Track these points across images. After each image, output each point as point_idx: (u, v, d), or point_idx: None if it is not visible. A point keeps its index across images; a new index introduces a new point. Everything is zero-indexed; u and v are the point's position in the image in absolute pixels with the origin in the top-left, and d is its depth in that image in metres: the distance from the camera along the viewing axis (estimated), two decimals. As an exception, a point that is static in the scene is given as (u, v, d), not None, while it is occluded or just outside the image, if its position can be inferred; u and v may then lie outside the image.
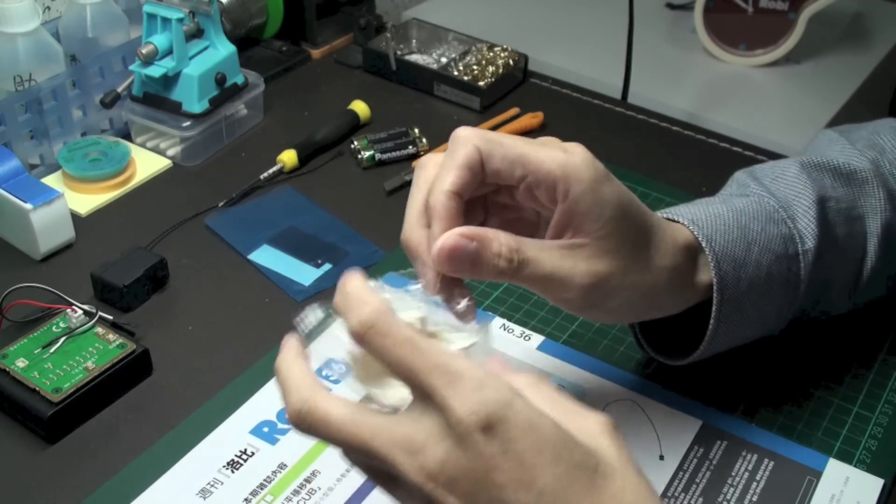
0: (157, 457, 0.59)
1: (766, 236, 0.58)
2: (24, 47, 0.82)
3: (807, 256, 0.59)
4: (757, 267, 0.58)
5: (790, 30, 1.17)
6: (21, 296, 0.67)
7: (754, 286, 0.57)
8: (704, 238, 0.56)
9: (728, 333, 0.58)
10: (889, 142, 0.67)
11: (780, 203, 0.60)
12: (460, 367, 0.40)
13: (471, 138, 0.50)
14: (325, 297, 0.72)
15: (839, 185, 0.63)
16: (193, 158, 0.87)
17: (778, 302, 0.60)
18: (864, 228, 0.63)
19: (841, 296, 0.63)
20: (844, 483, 0.59)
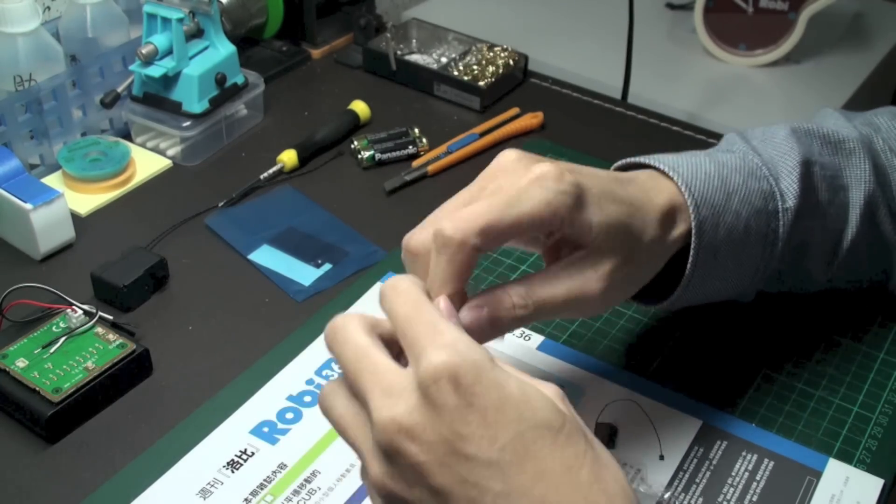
0: (157, 457, 0.59)
1: (747, 189, 0.59)
2: (24, 47, 0.82)
3: (787, 215, 0.60)
4: (736, 217, 0.58)
5: (790, 30, 1.17)
6: (21, 296, 0.67)
7: (732, 236, 0.58)
8: (684, 183, 0.57)
9: (703, 281, 0.58)
10: (885, 122, 0.67)
11: (764, 161, 0.61)
12: (445, 326, 0.43)
13: (460, 240, 0.47)
14: (325, 298, 0.73)
15: (827, 152, 0.63)
16: (193, 158, 0.87)
17: (755, 258, 0.60)
18: (847, 198, 0.63)
19: (818, 264, 0.63)
20: (844, 483, 0.59)
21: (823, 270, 0.64)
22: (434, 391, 0.41)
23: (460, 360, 0.41)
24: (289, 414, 0.62)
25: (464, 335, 0.43)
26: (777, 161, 0.61)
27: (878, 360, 0.67)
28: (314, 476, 0.58)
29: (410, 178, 0.85)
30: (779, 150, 0.62)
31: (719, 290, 0.61)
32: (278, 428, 0.61)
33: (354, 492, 0.57)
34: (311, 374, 0.65)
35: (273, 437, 0.60)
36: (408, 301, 0.44)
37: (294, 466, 0.58)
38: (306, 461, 0.59)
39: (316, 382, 0.64)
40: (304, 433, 0.61)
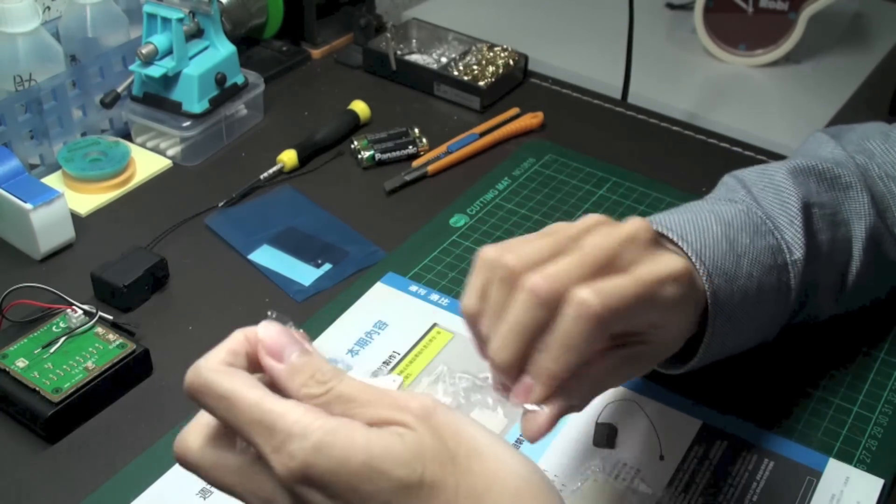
0: (157, 457, 0.59)
1: (755, 249, 0.58)
2: (24, 47, 0.82)
3: (796, 266, 0.59)
4: (748, 279, 0.57)
5: (790, 30, 1.17)
6: (21, 296, 0.67)
7: (747, 298, 0.57)
8: (694, 253, 0.55)
9: (722, 344, 0.58)
10: (878, 146, 0.67)
11: (766, 214, 0.60)
12: (272, 418, 0.39)
13: (604, 319, 0.45)
14: (325, 298, 0.73)
15: (824, 189, 0.63)
16: (193, 158, 0.87)
17: (771, 311, 0.60)
18: (850, 233, 0.63)
19: (826, 300, 0.64)
20: (844, 483, 0.59)
21: (832, 304, 0.64)
22: (299, 497, 0.39)
23: (301, 457, 0.38)
24: (289, 414, 0.62)
25: (290, 417, 0.39)
26: (778, 211, 0.61)
27: (878, 360, 0.67)
28: (314, 476, 0.58)
29: (410, 178, 0.85)
30: (779, 197, 0.61)
31: (737, 346, 0.60)
32: (278, 428, 0.61)
33: (354, 492, 0.57)
34: (311, 374, 0.65)
35: (273, 437, 0.60)
36: (217, 398, 0.42)
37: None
38: (306, 461, 0.59)
39: (316, 382, 0.64)
40: (304, 433, 0.61)
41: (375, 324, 0.69)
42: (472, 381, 0.59)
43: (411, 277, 0.73)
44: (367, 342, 0.67)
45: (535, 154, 0.88)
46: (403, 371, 0.65)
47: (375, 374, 0.65)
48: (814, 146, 0.68)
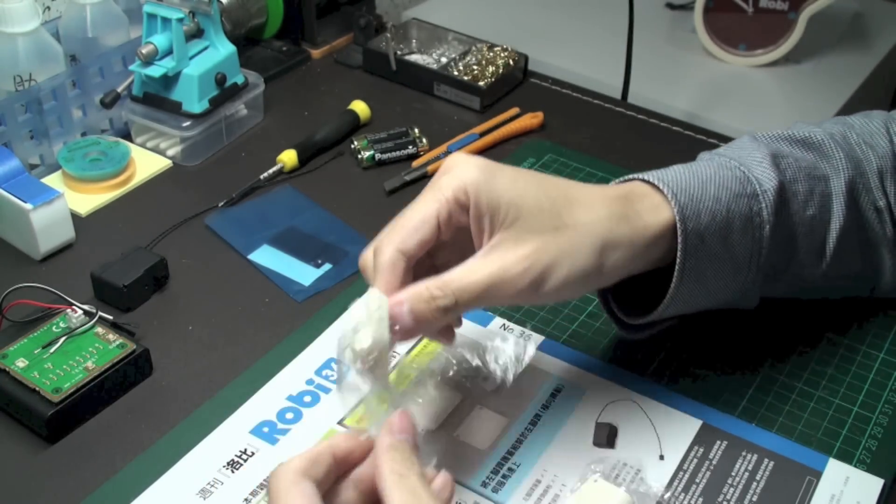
0: (157, 457, 0.59)
1: (721, 178, 0.60)
2: (24, 47, 0.82)
3: (767, 196, 0.60)
4: (715, 201, 0.58)
5: (790, 30, 1.17)
6: (21, 296, 0.67)
7: (716, 219, 0.58)
8: (656, 178, 0.58)
9: (698, 271, 0.58)
10: (858, 120, 0.68)
11: (731, 157, 0.62)
12: None
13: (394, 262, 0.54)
14: (325, 298, 0.72)
15: (797, 150, 0.64)
16: (193, 158, 0.87)
17: (745, 243, 0.60)
18: (829, 189, 0.63)
19: (810, 258, 0.63)
20: (844, 483, 0.59)
21: (816, 266, 0.64)
22: None
23: None
24: (289, 414, 0.62)
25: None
26: (745, 156, 0.62)
27: (878, 360, 0.67)
28: (314, 476, 0.58)
29: (410, 178, 0.85)
30: (744, 150, 0.63)
31: (717, 284, 0.60)
32: (278, 428, 0.61)
33: (354, 492, 0.57)
34: (311, 374, 0.65)
35: (273, 437, 0.60)
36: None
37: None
38: (306, 461, 0.59)
39: (316, 382, 0.64)
40: (304, 433, 0.61)
41: (375, 324, 0.69)
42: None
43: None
44: (367, 342, 0.67)
45: (535, 154, 0.88)
46: (403, 371, 0.65)
47: None
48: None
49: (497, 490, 0.57)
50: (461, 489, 0.57)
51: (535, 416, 0.62)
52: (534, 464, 0.59)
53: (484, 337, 0.61)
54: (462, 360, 0.62)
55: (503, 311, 0.70)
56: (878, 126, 0.67)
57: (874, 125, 0.67)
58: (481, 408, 0.62)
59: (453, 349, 0.61)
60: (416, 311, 0.52)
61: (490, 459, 0.59)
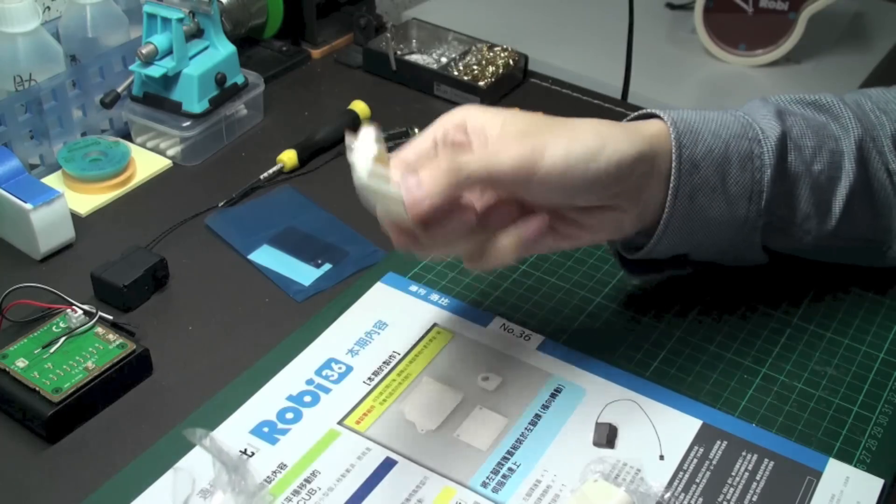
0: (157, 457, 0.59)
1: (723, 119, 0.62)
2: (24, 47, 0.82)
3: (768, 141, 0.61)
4: (714, 136, 0.60)
5: (790, 30, 1.17)
6: (21, 296, 0.67)
7: (713, 152, 0.60)
8: (659, 110, 0.61)
9: (692, 198, 0.60)
10: (875, 91, 0.69)
11: (739, 109, 0.64)
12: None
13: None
14: (325, 298, 0.72)
15: (807, 110, 0.66)
16: (193, 158, 0.87)
17: (743, 182, 0.61)
18: (840, 147, 0.64)
19: (819, 212, 0.64)
20: (844, 483, 0.59)
21: (824, 221, 0.65)
22: None
23: None
24: (289, 414, 0.62)
25: None
26: (752, 110, 0.64)
27: (878, 360, 0.67)
28: (314, 476, 0.58)
29: (410, 178, 0.84)
30: (754, 107, 0.65)
31: (714, 218, 0.61)
32: (278, 428, 0.61)
33: (354, 492, 0.57)
34: (311, 374, 0.65)
35: (273, 437, 0.60)
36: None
37: (294, 466, 0.58)
38: (306, 461, 0.59)
39: (316, 382, 0.64)
40: (304, 433, 0.61)
41: (375, 324, 0.69)
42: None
43: (411, 277, 0.73)
44: (367, 342, 0.67)
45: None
46: (403, 371, 0.65)
47: (376, 372, 0.65)
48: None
49: (497, 490, 0.57)
50: (461, 489, 0.57)
51: (535, 416, 0.62)
52: (534, 464, 0.59)
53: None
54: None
55: (503, 310, 0.70)
56: (894, 95, 0.68)
57: (890, 94, 0.68)
58: (481, 408, 0.62)
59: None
60: (451, 168, 0.54)
61: (490, 459, 0.59)
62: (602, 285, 0.73)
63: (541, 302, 0.71)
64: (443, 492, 0.57)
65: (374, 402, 0.63)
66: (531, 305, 0.71)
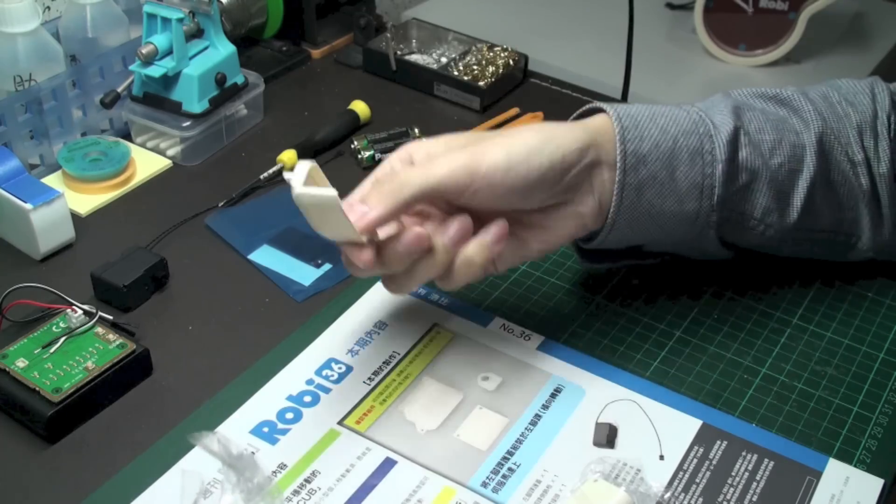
0: (157, 457, 0.59)
1: (674, 115, 0.62)
2: (24, 47, 0.82)
3: (719, 136, 0.62)
4: (662, 132, 0.61)
5: (790, 30, 1.17)
6: (21, 296, 0.67)
7: (659, 147, 0.60)
8: (605, 105, 0.62)
9: (639, 191, 0.60)
10: (845, 83, 0.69)
11: (695, 104, 0.64)
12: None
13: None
14: (325, 298, 0.72)
15: (767, 104, 0.66)
16: (193, 158, 0.87)
17: (693, 177, 0.61)
18: (801, 141, 0.64)
19: (780, 204, 0.64)
20: (844, 483, 0.59)
21: (786, 213, 0.65)
22: None
23: None
24: (289, 414, 0.62)
25: None
26: (708, 106, 0.64)
27: (878, 360, 0.67)
28: (314, 476, 0.58)
29: (410, 178, 0.84)
30: (712, 102, 0.65)
31: (664, 212, 0.62)
32: (278, 428, 0.61)
33: (354, 492, 0.57)
34: (311, 374, 0.65)
35: (273, 437, 0.60)
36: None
37: (294, 466, 0.58)
38: (306, 461, 0.59)
39: (316, 382, 0.64)
40: (304, 433, 0.61)
41: (375, 324, 0.69)
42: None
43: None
44: (367, 342, 0.67)
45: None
46: (403, 371, 0.65)
47: (376, 372, 0.65)
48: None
49: (497, 490, 0.57)
50: (461, 489, 0.57)
51: (535, 416, 0.62)
52: (534, 464, 0.59)
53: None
54: None
55: (503, 310, 0.70)
56: (863, 87, 0.68)
57: (859, 86, 0.68)
58: (481, 408, 0.62)
59: None
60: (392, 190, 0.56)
61: (490, 459, 0.59)
62: (602, 285, 0.73)
63: (541, 302, 0.71)
64: (443, 492, 0.57)
65: (374, 402, 0.63)
66: (531, 305, 0.71)
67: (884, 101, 0.66)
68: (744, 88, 0.67)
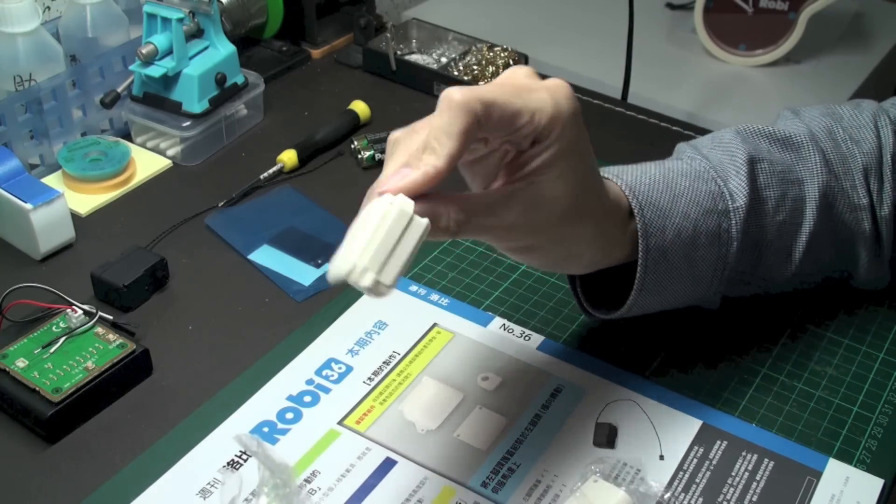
0: (157, 457, 0.59)
1: (694, 191, 0.60)
2: (24, 47, 0.82)
3: (738, 213, 0.60)
4: (683, 218, 0.59)
5: (790, 30, 1.17)
6: (21, 296, 0.67)
7: (681, 236, 0.59)
8: (628, 188, 0.58)
9: (658, 285, 0.59)
10: (847, 111, 0.67)
11: (712, 165, 0.62)
12: None
13: (466, 101, 0.48)
14: (325, 298, 0.72)
15: (776, 149, 0.64)
16: (193, 158, 0.87)
17: (709, 259, 0.60)
18: (803, 193, 0.63)
19: (778, 262, 0.63)
20: (844, 483, 0.59)
21: (785, 268, 0.64)
22: None
23: None
24: (289, 414, 0.62)
25: None
26: (725, 162, 0.62)
27: (878, 360, 0.67)
28: (314, 476, 0.58)
29: (410, 178, 0.84)
30: (726, 152, 0.63)
31: (677, 294, 0.61)
32: (278, 428, 0.61)
33: (354, 492, 0.57)
34: (311, 374, 0.65)
35: (273, 437, 0.60)
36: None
37: (294, 466, 0.58)
38: (306, 461, 0.59)
39: (316, 382, 0.64)
40: (304, 433, 0.61)
41: (375, 324, 0.69)
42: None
43: (411, 277, 0.73)
44: (367, 342, 0.67)
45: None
46: (403, 371, 0.65)
47: (376, 372, 0.65)
48: (775, 119, 0.69)
49: (497, 490, 0.57)
50: (461, 489, 0.57)
51: (535, 416, 0.62)
52: (534, 464, 0.59)
53: None
54: None
55: (503, 310, 0.70)
56: (866, 119, 0.66)
57: (863, 118, 0.67)
58: (481, 408, 0.62)
59: None
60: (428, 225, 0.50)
61: (490, 459, 0.59)
62: (602, 285, 0.73)
63: (541, 302, 0.71)
64: (443, 492, 0.57)
65: (374, 402, 0.63)
66: (531, 305, 0.71)
67: (887, 140, 0.65)
68: (752, 125, 0.65)
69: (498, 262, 0.75)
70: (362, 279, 0.47)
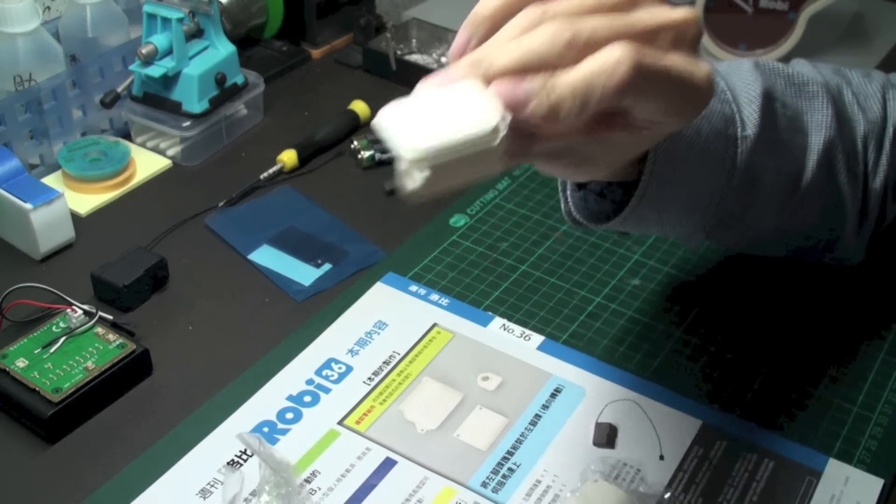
0: (157, 457, 0.59)
1: (710, 108, 0.57)
2: (24, 47, 0.82)
3: (745, 143, 0.58)
4: (696, 132, 0.56)
5: (790, 30, 1.17)
6: (21, 296, 0.67)
7: (691, 148, 0.56)
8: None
9: (658, 199, 0.56)
10: (857, 78, 0.67)
11: (729, 86, 0.60)
12: None
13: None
14: (325, 298, 0.72)
15: (790, 93, 0.63)
16: (193, 158, 0.87)
17: (711, 184, 0.58)
18: (806, 143, 0.62)
19: (769, 206, 0.62)
20: (844, 483, 0.59)
21: (774, 214, 0.62)
22: None
23: None
24: (289, 414, 0.62)
25: None
26: (740, 88, 0.60)
27: (878, 360, 0.67)
28: (314, 476, 0.58)
29: (410, 178, 0.84)
30: (743, 80, 0.61)
31: (670, 215, 0.58)
32: (278, 428, 0.61)
33: (354, 492, 0.57)
34: (311, 374, 0.65)
35: (273, 437, 0.60)
36: None
37: (294, 466, 0.58)
38: (306, 461, 0.59)
39: (316, 382, 0.64)
40: (305, 433, 0.61)
41: (375, 324, 0.69)
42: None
43: (411, 277, 0.73)
44: (367, 342, 0.67)
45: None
46: (403, 371, 0.65)
47: (376, 372, 0.65)
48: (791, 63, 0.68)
49: (497, 490, 0.57)
50: (461, 489, 0.57)
51: (535, 416, 0.62)
52: (534, 464, 0.59)
53: None
54: None
55: (503, 310, 0.70)
56: (875, 89, 0.66)
57: (872, 88, 0.66)
58: (481, 408, 0.62)
59: None
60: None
61: (490, 459, 0.59)
62: (602, 285, 0.73)
63: (541, 302, 0.71)
64: (443, 492, 0.57)
65: (374, 402, 0.63)
66: (531, 305, 0.71)
67: (893, 112, 0.65)
68: (770, 62, 0.64)
69: (498, 262, 0.75)
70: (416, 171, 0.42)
